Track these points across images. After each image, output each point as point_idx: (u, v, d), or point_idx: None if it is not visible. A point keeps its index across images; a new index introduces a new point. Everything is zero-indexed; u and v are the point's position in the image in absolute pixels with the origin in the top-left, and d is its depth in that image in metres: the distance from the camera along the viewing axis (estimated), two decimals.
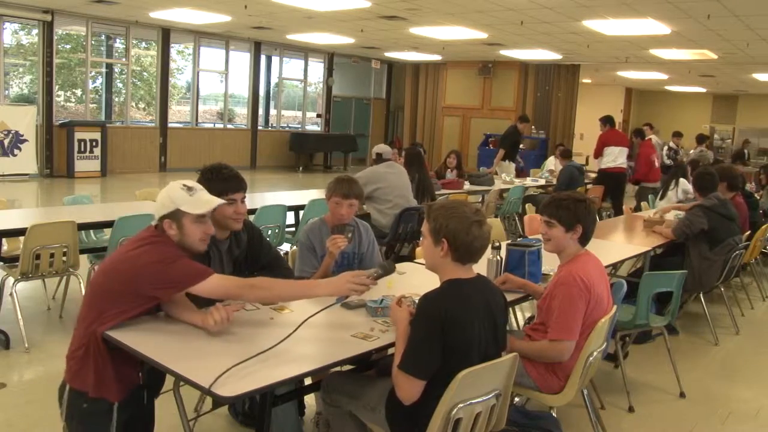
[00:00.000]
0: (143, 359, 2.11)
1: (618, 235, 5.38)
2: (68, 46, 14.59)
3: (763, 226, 5.71)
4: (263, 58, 15.92)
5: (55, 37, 12.18)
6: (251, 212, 4.89)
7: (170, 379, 2.22)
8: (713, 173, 5.21)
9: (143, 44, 15.12)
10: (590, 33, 10.31)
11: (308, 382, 2.69)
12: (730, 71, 14.36)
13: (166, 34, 13.54)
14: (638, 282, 3.73)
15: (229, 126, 16.12)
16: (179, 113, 16.05)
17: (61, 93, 14.30)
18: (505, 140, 10.21)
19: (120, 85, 14.61)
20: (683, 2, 7.72)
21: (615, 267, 4.92)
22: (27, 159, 11.58)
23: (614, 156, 9.09)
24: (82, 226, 4.37)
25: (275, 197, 6.40)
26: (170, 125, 14.21)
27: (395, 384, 2.17)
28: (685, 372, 4.12)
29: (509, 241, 3.58)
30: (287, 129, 16.91)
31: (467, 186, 7.93)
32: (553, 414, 2.76)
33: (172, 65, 14.41)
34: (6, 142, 11.29)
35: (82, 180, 11.88)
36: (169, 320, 2.38)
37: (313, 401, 3.18)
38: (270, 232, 5.21)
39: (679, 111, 21.61)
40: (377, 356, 2.55)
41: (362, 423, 2.48)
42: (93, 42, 13.14)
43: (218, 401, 2.20)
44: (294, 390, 2.65)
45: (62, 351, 2.31)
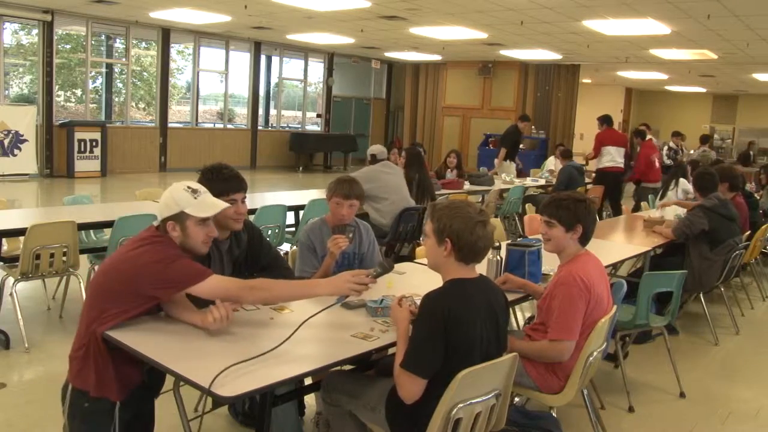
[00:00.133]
0: (143, 359, 2.11)
1: (618, 235, 5.38)
2: (68, 46, 14.60)
3: (763, 226, 5.71)
4: (263, 58, 15.92)
5: (55, 37, 12.18)
6: (251, 212, 4.89)
7: (170, 379, 2.22)
8: (713, 173, 5.21)
9: (143, 44, 15.12)
10: (590, 33, 10.31)
11: (308, 382, 2.69)
12: (730, 71, 14.36)
13: (166, 34, 13.54)
14: (638, 282, 3.73)
15: (229, 126, 16.12)
16: (179, 113, 16.05)
17: (61, 93, 14.30)
18: (506, 139, 10.20)
19: (120, 85, 14.62)
20: (683, 2, 7.72)
21: (615, 267, 4.92)
22: (27, 159, 11.58)
23: (611, 156, 9.08)
24: (82, 226, 4.37)
25: (275, 197, 6.40)
26: (170, 125, 14.21)
27: (397, 383, 2.17)
28: (685, 372, 4.12)
29: (509, 241, 3.58)
30: (287, 129, 16.91)
31: (467, 186, 7.94)
32: (553, 414, 2.76)
33: (172, 65, 14.42)
34: (6, 142, 11.29)
35: (82, 180, 11.88)
36: (169, 320, 2.38)
37: (313, 401, 3.18)
38: (270, 232, 5.21)
39: (679, 111, 21.61)
40: (377, 356, 2.55)
41: (362, 423, 2.48)
42: (93, 42, 13.14)
43: (218, 401, 2.20)
44: (294, 390, 2.65)
45: (62, 351, 2.32)
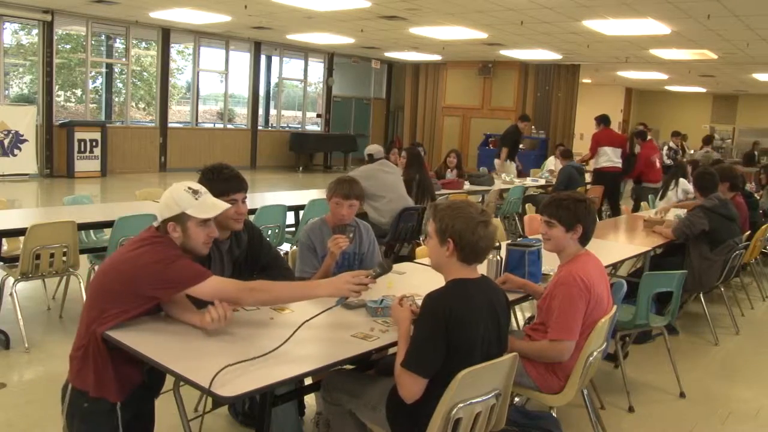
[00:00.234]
0: (143, 359, 2.11)
1: (618, 235, 5.38)
2: (68, 46, 14.60)
3: (763, 226, 5.71)
4: (263, 58, 15.92)
5: (55, 37, 12.18)
6: (251, 212, 4.89)
7: (170, 379, 2.22)
8: (713, 173, 5.21)
9: (143, 44, 15.12)
10: (590, 33, 10.31)
11: (308, 382, 2.69)
12: (730, 71, 14.36)
13: (166, 34, 13.54)
14: (638, 282, 3.73)
15: (229, 126, 16.12)
16: (179, 113, 16.05)
17: (61, 93, 14.30)
18: (507, 139, 10.21)
19: (120, 85, 14.61)
20: (683, 2, 7.72)
21: (615, 267, 4.92)
22: (27, 159, 11.58)
23: (608, 156, 9.08)
24: (82, 226, 4.37)
25: (275, 197, 6.40)
26: (170, 125, 14.21)
27: (398, 382, 2.17)
28: (685, 372, 4.12)
29: (509, 241, 3.58)
30: (287, 129, 16.91)
31: (467, 186, 7.93)
32: (553, 414, 2.76)
33: (172, 65, 14.42)
34: (6, 142, 11.29)
35: (82, 180, 11.88)
36: (169, 320, 2.38)
37: (313, 401, 3.18)
38: (270, 232, 5.21)
39: (679, 111, 21.63)
40: (377, 356, 2.55)
41: (362, 423, 2.48)
42: (93, 42, 13.14)
43: (218, 401, 2.20)
44: (294, 390, 2.65)
45: (62, 351, 2.32)
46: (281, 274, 2.92)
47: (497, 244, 3.12)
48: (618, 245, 4.81)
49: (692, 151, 12.95)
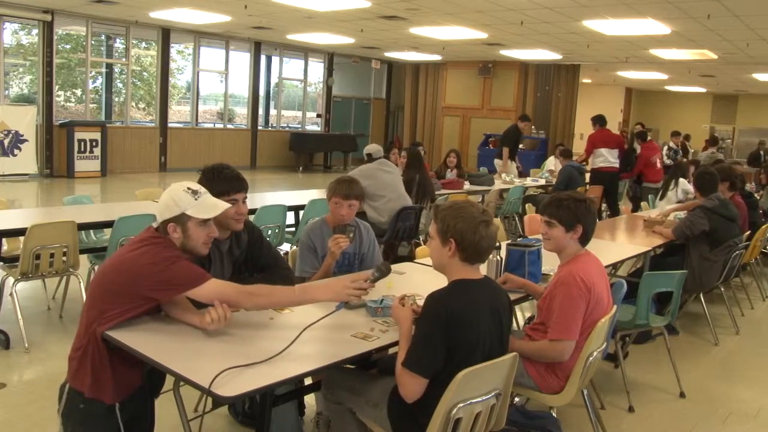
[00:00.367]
0: (143, 359, 2.11)
1: (618, 235, 5.38)
2: (68, 46, 14.59)
3: (763, 226, 5.71)
4: (263, 58, 15.92)
5: (55, 37, 12.18)
6: (251, 212, 4.89)
7: (170, 379, 2.22)
8: (714, 173, 5.20)
9: (143, 44, 15.12)
10: (590, 33, 10.31)
11: (308, 382, 2.69)
12: (730, 71, 14.36)
13: (166, 34, 13.54)
14: (638, 282, 3.73)
15: (229, 126, 16.12)
16: (179, 113, 16.05)
17: (61, 93, 14.29)
18: (507, 139, 10.22)
19: (120, 85, 14.61)
20: (683, 2, 7.72)
21: (615, 267, 4.92)
22: (27, 159, 11.58)
23: (604, 157, 9.08)
24: (82, 226, 4.37)
25: (275, 197, 6.40)
26: (170, 125, 14.21)
27: (399, 382, 2.18)
28: (685, 372, 4.12)
29: (509, 241, 3.58)
30: (287, 129, 16.91)
31: (467, 186, 7.93)
32: (553, 414, 2.76)
33: (172, 65, 14.41)
34: (6, 142, 11.29)
35: (82, 180, 11.88)
36: (169, 320, 2.38)
37: (313, 401, 3.18)
38: (270, 232, 5.21)
39: (679, 111, 21.63)
40: (378, 356, 2.55)
41: (363, 423, 2.48)
42: (93, 42, 13.14)
43: (218, 401, 2.20)
44: (294, 390, 2.65)
45: (62, 351, 2.32)
46: (281, 275, 2.91)
47: (497, 244, 3.13)
48: (618, 245, 4.81)
49: (692, 151, 12.92)
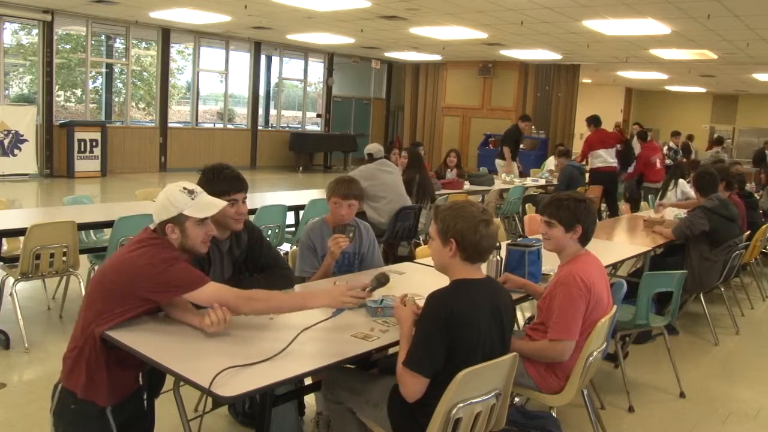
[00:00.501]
0: (143, 359, 2.11)
1: (618, 235, 5.38)
2: (68, 46, 14.59)
3: (763, 226, 5.71)
4: (263, 58, 15.92)
5: (55, 37, 12.18)
6: (251, 212, 4.89)
7: (170, 379, 2.22)
8: (713, 173, 5.19)
9: (143, 44, 15.12)
10: (590, 33, 10.31)
11: (308, 382, 2.69)
12: (730, 71, 14.36)
13: (166, 34, 13.54)
14: (638, 282, 3.73)
15: (229, 126, 16.12)
16: (179, 113, 16.05)
17: (61, 93, 14.29)
18: (508, 139, 10.23)
19: (120, 85, 14.61)
20: (683, 2, 7.72)
21: (615, 267, 4.92)
22: (27, 159, 11.58)
23: (603, 157, 9.09)
24: (82, 226, 4.37)
25: (275, 197, 6.40)
26: (170, 125, 14.21)
27: (399, 381, 2.18)
28: (685, 372, 4.12)
29: (509, 241, 3.58)
30: (287, 129, 16.91)
31: (467, 186, 7.94)
32: (553, 414, 2.76)
33: (172, 65, 14.41)
34: (6, 142, 11.29)
35: (82, 180, 11.88)
36: (169, 320, 2.37)
37: (313, 401, 3.18)
38: (270, 232, 5.21)
39: (679, 111, 21.63)
40: (378, 356, 2.55)
41: (363, 423, 2.48)
42: (93, 42, 13.13)
43: (218, 401, 2.20)
44: (294, 390, 2.65)
45: (62, 351, 2.31)
46: (281, 275, 2.92)
47: (497, 244, 3.13)
48: (618, 245, 4.81)
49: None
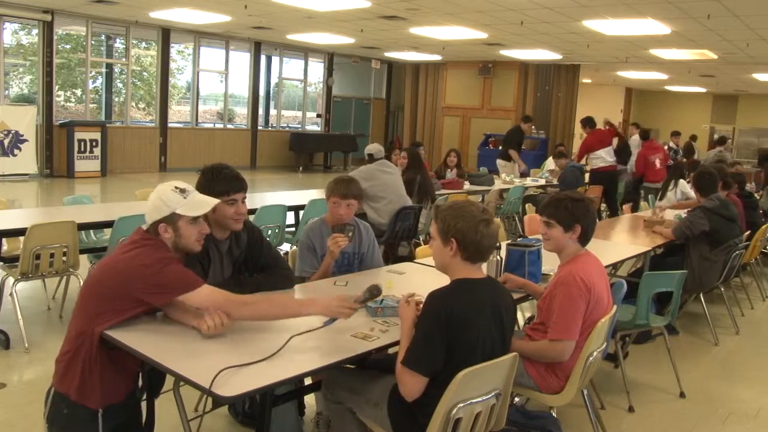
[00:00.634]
0: (143, 359, 2.11)
1: (618, 235, 5.38)
2: (68, 46, 14.59)
3: (763, 226, 5.71)
4: (263, 58, 15.92)
5: (55, 37, 12.18)
6: (251, 212, 4.89)
7: (170, 379, 2.22)
8: (713, 173, 5.19)
9: (143, 44, 15.12)
10: (590, 33, 10.31)
11: (308, 382, 2.69)
12: (730, 71, 14.36)
13: (166, 34, 13.54)
14: (638, 282, 3.73)
15: (229, 126, 16.12)
16: (179, 113, 16.05)
17: (61, 93, 14.29)
18: (512, 141, 10.25)
19: (120, 85, 14.61)
20: (683, 2, 7.72)
21: (615, 267, 4.92)
22: (27, 159, 11.58)
23: (602, 157, 9.09)
24: (82, 226, 4.37)
25: (275, 197, 6.40)
26: (170, 125, 14.20)
27: (399, 380, 2.18)
28: (685, 372, 4.12)
29: (509, 241, 3.58)
30: (287, 129, 16.91)
31: (467, 186, 7.94)
32: (553, 414, 2.76)
33: (172, 65, 14.41)
34: (6, 142, 11.28)
35: (82, 180, 11.88)
36: (169, 320, 2.37)
37: (313, 401, 3.18)
38: (270, 232, 5.21)
39: (679, 111, 21.62)
40: (376, 356, 2.55)
41: (363, 423, 2.48)
42: (93, 42, 13.13)
43: (218, 401, 2.20)
44: (294, 390, 2.65)
45: None
46: (281, 275, 2.92)
47: (497, 244, 3.13)
48: (618, 245, 4.81)
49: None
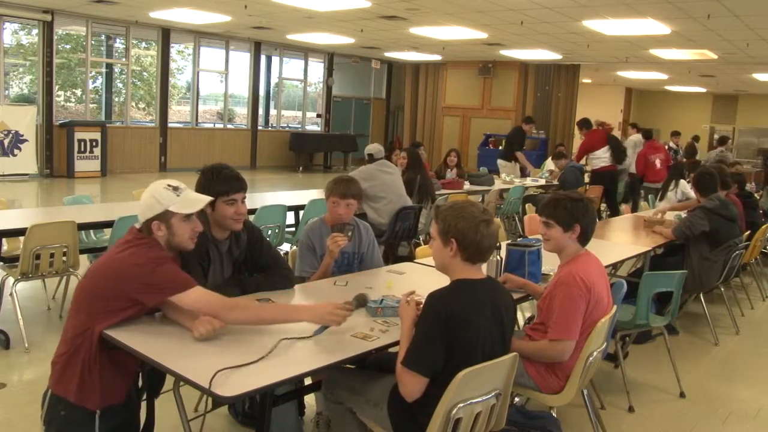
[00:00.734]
0: (143, 359, 2.11)
1: (618, 235, 5.38)
2: (68, 46, 14.59)
3: (763, 226, 5.71)
4: (263, 58, 15.91)
5: (55, 37, 12.17)
6: (251, 212, 4.89)
7: (170, 379, 2.22)
8: (713, 173, 5.19)
9: (143, 44, 15.12)
10: (590, 33, 10.31)
11: (308, 382, 2.69)
12: (730, 71, 14.36)
13: (166, 34, 13.54)
14: (638, 282, 3.73)
15: (229, 126, 16.12)
16: (179, 113, 16.05)
17: (61, 93, 14.29)
18: (516, 143, 10.25)
19: (120, 85, 14.61)
20: (683, 2, 7.72)
21: (615, 267, 4.92)
22: (27, 159, 11.58)
23: (602, 157, 9.09)
24: (82, 226, 4.37)
25: (275, 197, 6.40)
26: (170, 125, 14.20)
27: (399, 380, 2.18)
28: (685, 372, 4.12)
29: (509, 241, 3.58)
30: (287, 129, 16.91)
31: (467, 186, 7.94)
32: (553, 414, 2.76)
33: (172, 65, 14.41)
34: (6, 142, 11.28)
35: (82, 180, 11.88)
36: (168, 320, 2.37)
37: (313, 401, 3.18)
38: (270, 232, 5.21)
39: (679, 111, 21.62)
40: (375, 356, 2.55)
41: (363, 423, 2.48)
42: (93, 42, 13.13)
43: (218, 401, 2.20)
44: (294, 390, 2.65)
45: None
46: (281, 275, 2.92)
47: (497, 244, 3.12)
48: (618, 245, 4.81)
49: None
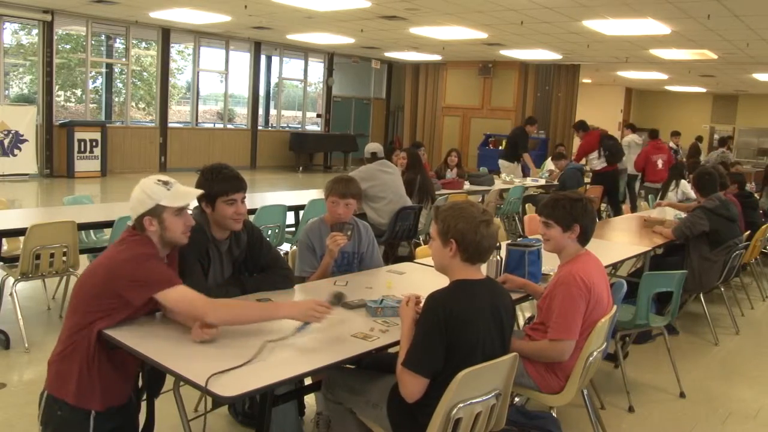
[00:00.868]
0: (143, 359, 2.11)
1: (618, 235, 5.38)
2: (68, 46, 14.59)
3: (763, 226, 5.71)
4: (263, 58, 15.91)
5: (55, 37, 12.17)
6: (251, 212, 4.89)
7: (170, 379, 2.22)
8: (713, 173, 5.19)
9: (143, 44, 15.12)
10: (590, 33, 10.31)
11: (308, 382, 2.69)
12: (730, 71, 14.36)
13: (166, 34, 13.54)
14: (638, 282, 3.73)
15: (229, 126, 16.12)
16: (179, 113, 16.05)
17: (61, 93, 14.29)
18: (521, 144, 10.24)
19: (120, 85, 14.61)
20: (683, 2, 7.72)
21: (615, 267, 4.92)
22: (27, 159, 11.58)
23: (601, 158, 9.09)
24: (82, 226, 4.37)
25: (275, 197, 6.40)
26: (170, 125, 14.20)
27: (399, 381, 2.18)
28: (685, 372, 4.12)
29: (509, 241, 3.58)
30: (287, 129, 16.91)
31: (467, 186, 7.94)
32: (553, 414, 2.76)
33: (172, 65, 14.41)
34: (6, 142, 11.28)
35: (82, 180, 11.88)
36: (168, 320, 2.38)
37: (313, 401, 3.18)
38: (270, 232, 5.21)
39: (679, 111, 21.61)
40: (375, 356, 2.55)
41: (363, 423, 2.48)
42: (93, 42, 13.13)
43: (218, 401, 2.20)
44: (294, 390, 2.65)
45: None
46: (281, 275, 2.92)
47: (497, 244, 3.12)
48: (618, 245, 4.81)
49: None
